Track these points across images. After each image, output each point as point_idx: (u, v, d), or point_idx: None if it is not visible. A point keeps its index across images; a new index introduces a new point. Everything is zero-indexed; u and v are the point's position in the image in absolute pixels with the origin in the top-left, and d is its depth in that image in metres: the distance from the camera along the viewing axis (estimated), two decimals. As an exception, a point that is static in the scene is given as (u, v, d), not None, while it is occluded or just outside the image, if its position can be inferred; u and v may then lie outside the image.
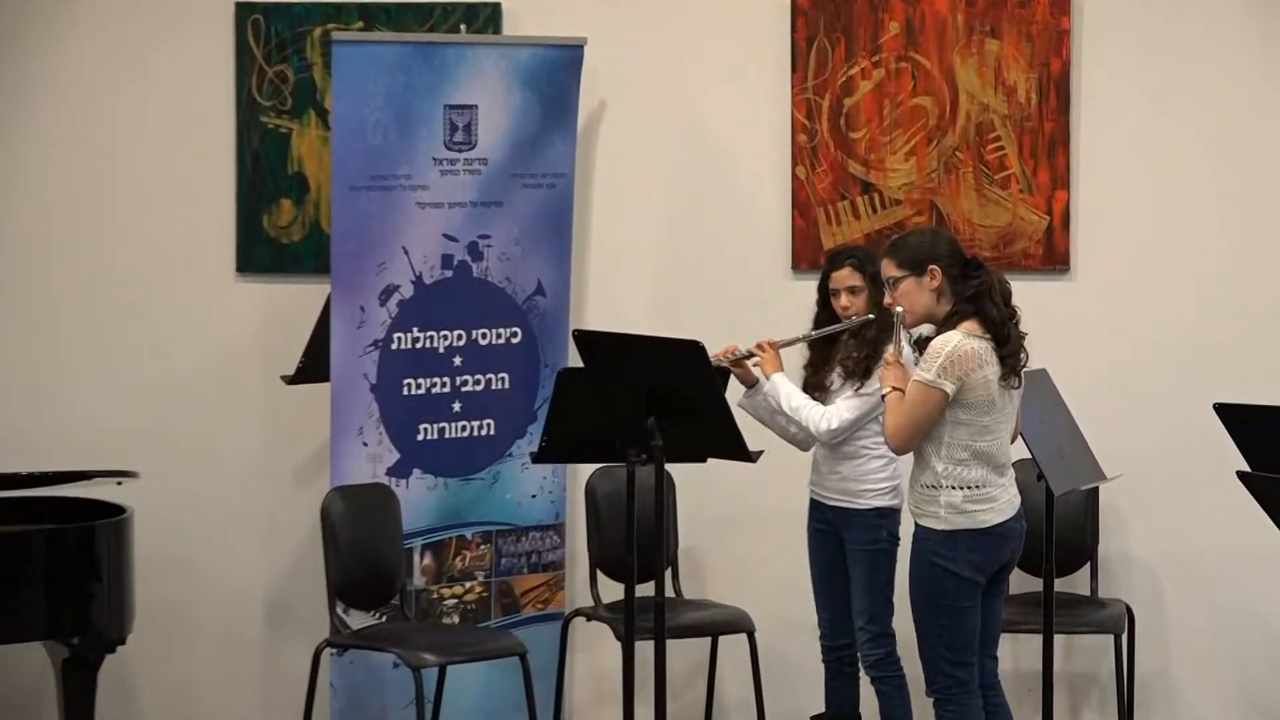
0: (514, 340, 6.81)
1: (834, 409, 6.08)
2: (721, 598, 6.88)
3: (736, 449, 5.56)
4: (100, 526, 6.13)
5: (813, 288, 6.28)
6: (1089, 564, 6.81)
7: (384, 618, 6.56)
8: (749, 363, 6.15)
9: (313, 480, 6.94)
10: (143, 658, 6.89)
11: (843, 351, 6.16)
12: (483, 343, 6.76)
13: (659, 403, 5.45)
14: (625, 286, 7.09)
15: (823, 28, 6.92)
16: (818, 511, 6.25)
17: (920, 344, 5.51)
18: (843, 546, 6.18)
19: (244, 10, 7.00)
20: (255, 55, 7.00)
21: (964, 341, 5.36)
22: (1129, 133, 6.88)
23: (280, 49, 7.00)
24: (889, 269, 5.54)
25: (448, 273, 6.68)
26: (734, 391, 6.07)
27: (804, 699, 6.64)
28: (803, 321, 6.25)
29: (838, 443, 6.12)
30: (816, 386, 6.19)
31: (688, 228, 7.11)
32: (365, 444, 6.58)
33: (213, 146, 7.04)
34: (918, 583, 5.45)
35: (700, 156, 7.08)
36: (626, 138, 7.07)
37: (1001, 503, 5.44)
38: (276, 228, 7.06)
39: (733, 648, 6.75)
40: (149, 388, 7.09)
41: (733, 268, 7.06)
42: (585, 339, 5.64)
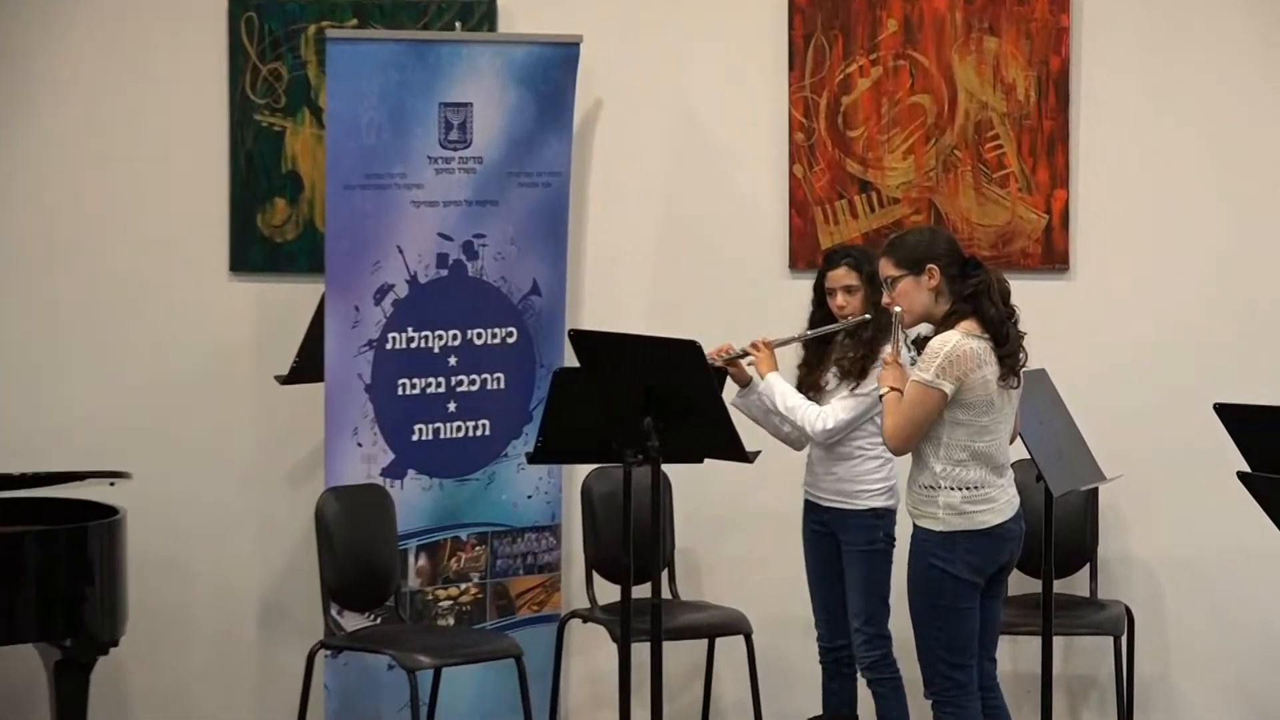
0: (509, 340, 6.80)
1: (829, 409, 6.07)
2: (718, 599, 6.88)
3: (734, 450, 5.55)
4: (93, 527, 6.12)
5: (810, 287, 6.26)
6: (1088, 565, 6.81)
7: (379, 619, 6.56)
8: (743, 362, 6.14)
9: (307, 481, 6.93)
10: (136, 660, 6.88)
11: (838, 351, 6.15)
12: (478, 342, 6.75)
13: (656, 403, 5.44)
14: (621, 286, 7.09)
15: (820, 25, 6.92)
16: (813, 513, 6.24)
17: (918, 344, 5.50)
18: (839, 547, 6.17)
19: (238, 8, 6.99)
20: (249, 53, 6.99)
21: (962, 341, 5.35)
22: (1128, 131, 6.88)
23: (274, 47, 6.99)
24: (887, 268, 5.52)
25: (443, 272, 6.67)
26: (728, 391, 6.06)
27: (801, 701, 6.64)
28: (800, 321, 6.24)
29: (833, 443, 6.11)
30: (811, 386, 6.17)
31: (684, 227, 7.10)
32: (360, 444, 6.57)
33: (206, 145, 7.03)
34: (916, 584, 5.43)
35: (697, 155, 7.08)
36: (622, 136, 7.06)
37: (1000, 504, 5.43)
38: (270, 227, 7.05)
39: (730, 649, 6.75)
40: (141, 388, 7.08)
41: (730, 267, 7.06)
42: (581, 339, 5.63)
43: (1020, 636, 6.54)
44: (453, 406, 6.72)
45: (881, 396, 5.48)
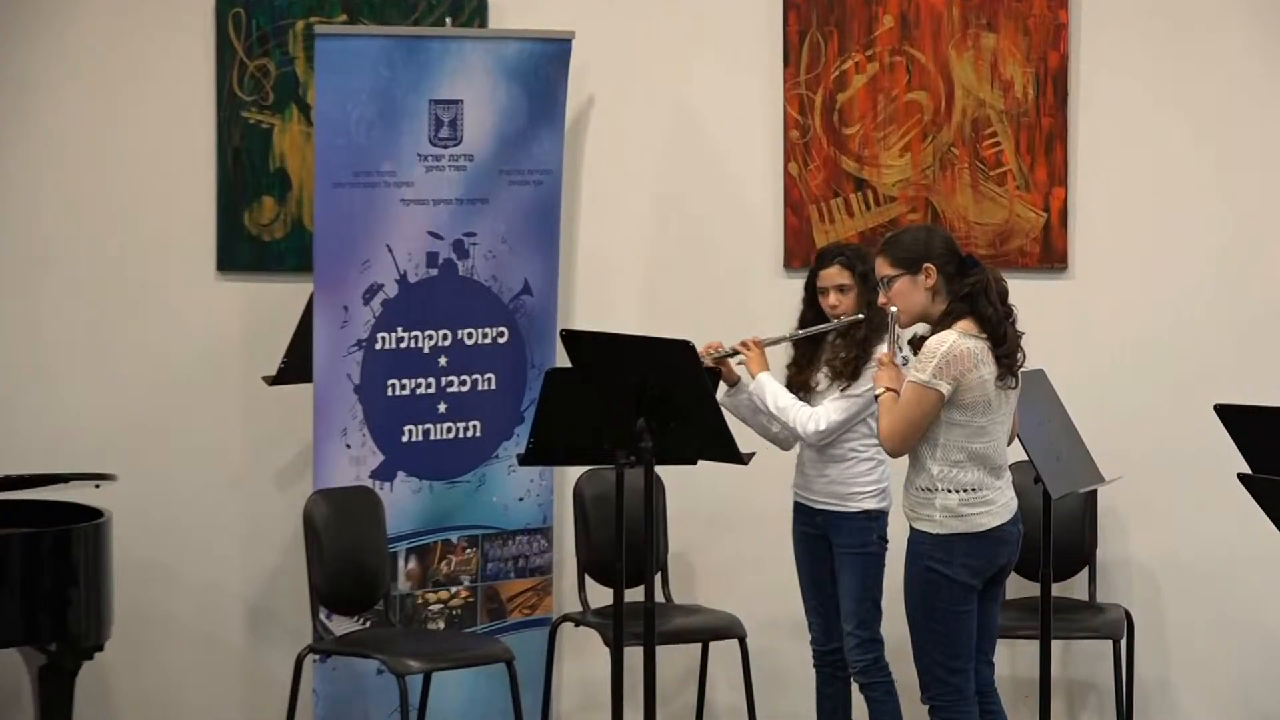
0: (500, 340, 6.79)
1: (822, 410, 6.04)
2: (712, 602, 6.87)
3: (728, 451, 5.54)
4: (78, 530, 6.12)
5: (806, 287, 6.27)
6: (1087, 568, 6.80)
7: (368, 623, 6.55)
8: (732, 361, 6.12)
9: (295, 483, 6.91)
10: (121, 664, 6.88)
11: (829, 351, 6.14)
12: (469, 342, 6.73)
13: (648, 404, 5.43)
14: (614, 285, 7.09)
15: (815, 21, 6.92)
16: (804, 515, 6.22)
17: (915, 344, 5.48)
18: (831, 550, 6.15)
19: (225, 3, 6.97)
20: (236, 49, 6.98)
21: (959, 341, 5.33)
22: (1128, 128, 6.86)
23: (262, 43, 6.98)
24: (883, 267, 5.51)
25: (433, 271, 6.67)
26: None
27: (797, 705, 6.64)
28: (795, 321, 6.21)
29: (825, 445, 6.09)
30: (801, 386, 6.16)
31: (678, 225, 7.10)
32: (349, 446, 6.57)
33: (193, 142, 7.01)
34: (913, 588, 5.41)
35: (690, 153, 7.07)
36: (615, 133, 7.06)
37: (998, 506, 5.41)
38: (258, 225, 7.04)
39: (724, 653, 6.74)
40: (127, 389, 7.07)
41: (724, 266, 7.06)
42: (573, 339, 5.63)
43: (1018, 640, 6.53)
44: (443, 407, 6.71)
45: (877, 397, 5.46)
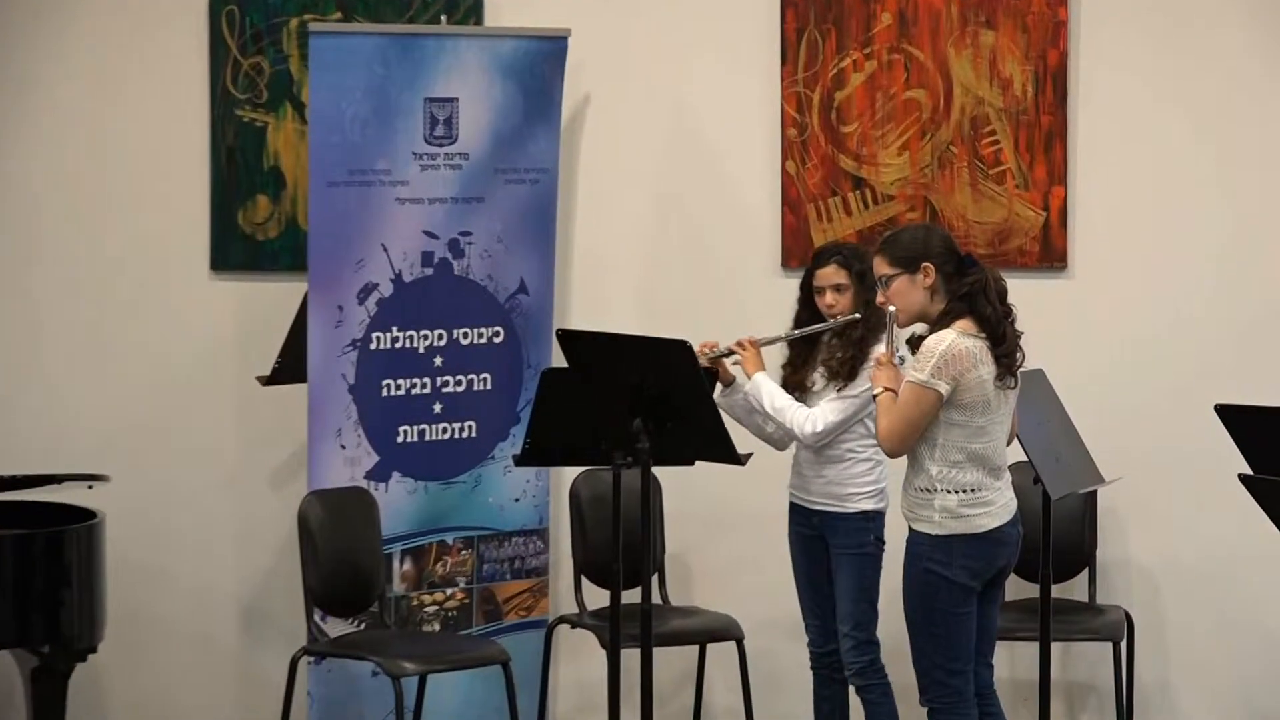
0: (496, 340, 6.78)
1: (819, 411, 6.03)
2: (709, 603, 6.87)
3: (726, 452, 5.53)
4: (70, 532, 6.10)
5: (804, 286, 6.27)
6: (1087, 569, 6.80)
7: (363, 625, 6.55)
8: (727, 361, 6.12)
9: (289, 484, 6.90)
10: (115, 666, 6.86)
11: (825, 352, 6.13)
12: (464, 342, 6.72)
13: (645, 404, 5.42)
14: (610, 285, 7.08)
15: (813, 19, 6.91)
16: (800, 516, 6.20)
17: (913, 343, 5.47)
18: (828, 551, 6.13)
19: (218, 1, 6.96)
20: (230, 47, 6.97)
21: (958, 340, 5.32)
22: (1128, 126, 6.85)
23: (255, 40, 6.97)
24: (881, 267, 5.50)
25: (428, 270, 6.66)
26: (711, 390, 6.06)
27: (794, 707, 6.61)
28: (791, 320, 6.20)
29: (822, 446, 6.07)
30: (796, 386, 6.15)
31: (675, 224, 7.09)
32: (343, 446, 6.56)
33: (186, 141, 7.00)
34: (912, 589, 5.40)
35: (687, 151, 7.06)
36: (612, 132, 7.05)
37: (997, 507, 5.40)
38: (252, 224, 7.02)
39: (721, 655, 6.73)
40: (120, 389, 7.05)
41: (721, 265, 7.05)
42: (569, 339, 5.62)
43: (1018, 642, 6.51)
44: (438, 408, 6.70)
45: (875, 397, 5.45)
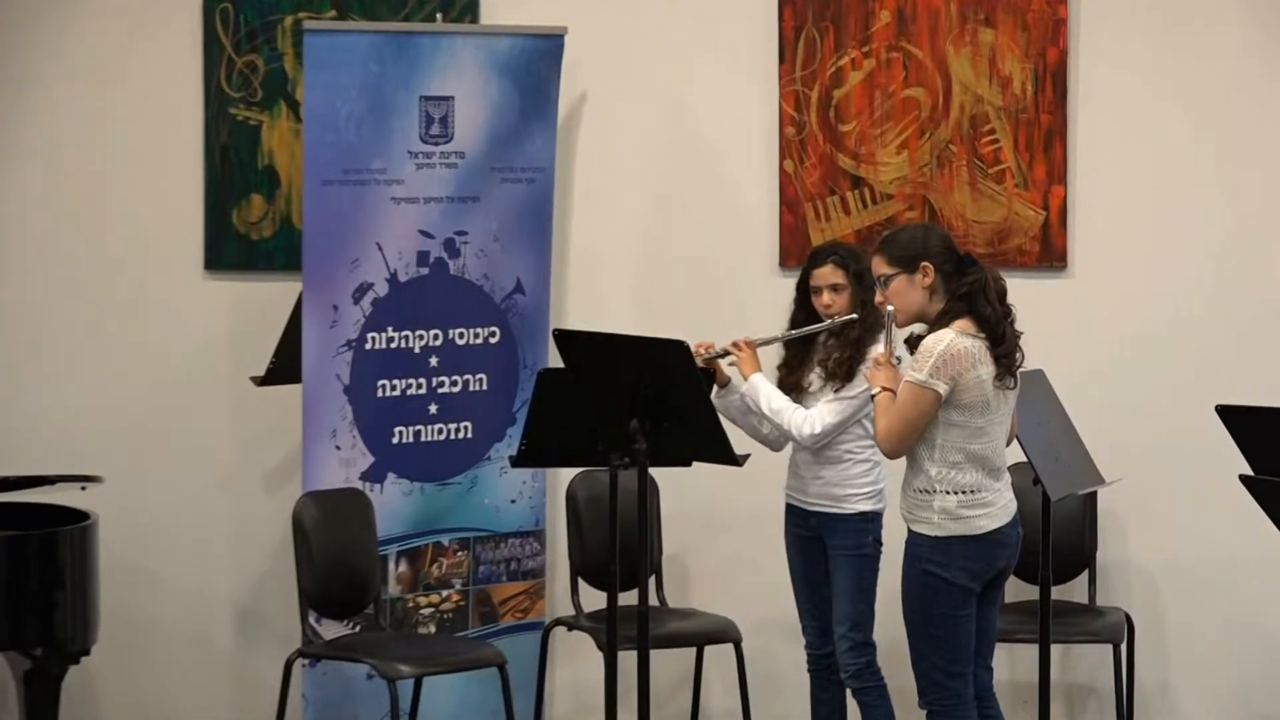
0: (492, 340, 6.77)
1: (816, 413, 6.01)
2: (706, 604, 6.86)
3: (723, 452, 5.52)
4: (64, 533, 6.08)
5: (803, 286, 6.26)
6: (1087, 571, 6.79)
7: (358, 627, 6.54)
8: (723, 361, 6.11)
9: (284, 485, 6.89)
10: (108, 668, 6.84)
11: (822, 352, 6.12)
12: (460, 342, 6.71)
13: (642, 405, 5.41)
14: (607, 284, 7.07)
15: (811, 17, 6.91)
16: (797, 517, 6.19)
17: (911, 343, 5.45)
18: (825, 552, 6.12)
19: (212, -1, 7.00)
20: (224, 45, 6.96)
21: (957, 340, 5.30)
22: (1128, 125, 6.85)
23: (250, 38, 6.96)
24: (880, 266, 5.49)
25: (423, 270, 6.65)
26: (708, 390, 6.05)
27: (791, 708, 6.62)
28: (788, 321, 6.20)
29: (820, 447, 6.05)
30: (793, 387, 6.14)
31: (672, 224, 7.08)
32: (338, 447, 6.54)
33: (180, 139, 6.98)
34: (911, 591, 5.39)
35: (685, 150, 7.05)
36: (608, 131, 7.04)
37: (997, 508, 5.38)
38: (246, 223, 7.01)
39: (718, 657, 6.72)
40: (113, 389, 7.03)
41: (719, 265, 7.04)
42: (566, 339, 5.61)
43: (1017, 644, 6.51)
44: (434, 408, 6.69)
45: (873, 397, 5.44)
